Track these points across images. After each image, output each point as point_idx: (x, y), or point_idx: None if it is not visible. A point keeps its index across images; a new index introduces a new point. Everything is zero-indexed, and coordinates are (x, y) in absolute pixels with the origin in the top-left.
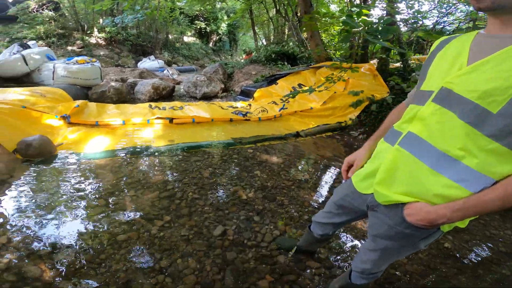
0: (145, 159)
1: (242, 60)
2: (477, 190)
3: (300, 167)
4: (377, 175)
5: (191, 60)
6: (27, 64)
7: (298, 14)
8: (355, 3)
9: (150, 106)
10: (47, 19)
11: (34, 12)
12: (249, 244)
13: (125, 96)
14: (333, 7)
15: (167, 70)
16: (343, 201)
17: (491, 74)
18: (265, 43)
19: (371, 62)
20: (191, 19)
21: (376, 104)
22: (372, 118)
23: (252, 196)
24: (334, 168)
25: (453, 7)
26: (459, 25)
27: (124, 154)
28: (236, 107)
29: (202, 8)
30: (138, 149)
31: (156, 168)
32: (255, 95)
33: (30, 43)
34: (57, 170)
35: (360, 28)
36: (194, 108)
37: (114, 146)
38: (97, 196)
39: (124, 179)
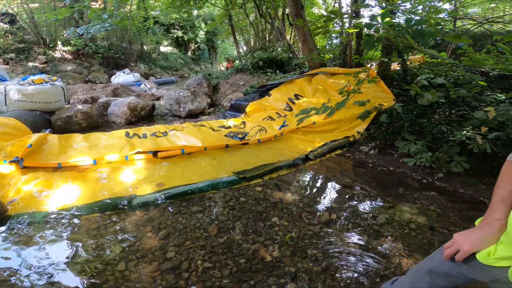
0: (129, 215)
1: (223, 69)
2: None
3: (321, 203)
4: None
5: (169, 71)
6: None
7: (289, 17)
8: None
9: (127, 134)
10: (3, 33)
11: None
12: None
13: (96, 120)
14: (314, 9)
15: (145, 84)
16: (448, 269)
17: None
18: (245, 50)
19: (368, 66)
20: (166, 28)
21: (385, 114)
22: (382, 130)
23: (277, 255)
24: (358, 197)
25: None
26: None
27: (99, 212)
28: (229, 127)
29: (178, 16)
30: (118, 202)
31: (147, 227)
32: (247, 109)
33: None
34: (10, 242)
35: (381, 31)
36: (181, 133)
37: (85, 200)
38: (72, 278)
39: (106, 249)
